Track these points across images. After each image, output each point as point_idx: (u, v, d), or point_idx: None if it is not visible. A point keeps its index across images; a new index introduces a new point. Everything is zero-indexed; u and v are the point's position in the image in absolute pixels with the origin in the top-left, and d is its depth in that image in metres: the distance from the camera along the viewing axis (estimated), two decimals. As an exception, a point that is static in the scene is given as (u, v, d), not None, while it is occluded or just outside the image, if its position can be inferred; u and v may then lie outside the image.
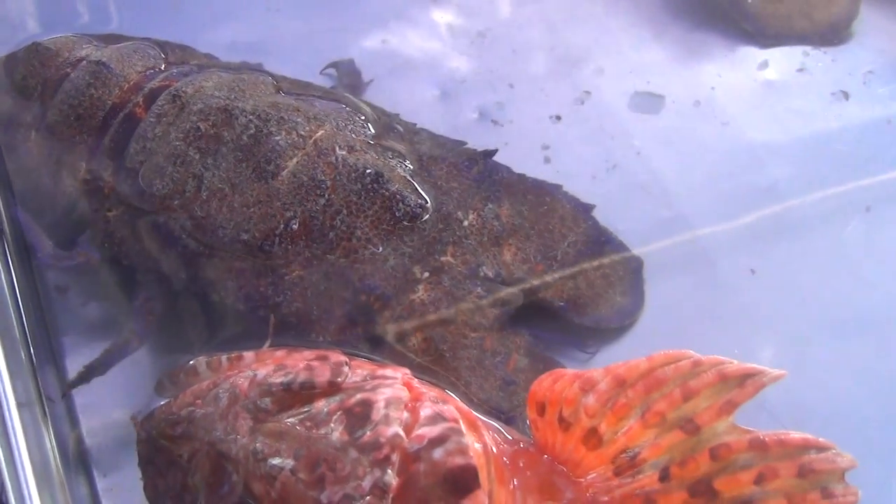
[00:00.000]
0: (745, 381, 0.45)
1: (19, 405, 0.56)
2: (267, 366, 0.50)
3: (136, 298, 0.63)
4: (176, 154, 0.62)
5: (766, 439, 0.45)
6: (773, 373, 0.45)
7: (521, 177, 0.67)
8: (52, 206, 0.66)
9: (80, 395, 0.63)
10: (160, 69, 0.68)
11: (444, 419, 0.46)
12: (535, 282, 0.63)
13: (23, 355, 0.61)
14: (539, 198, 0.66)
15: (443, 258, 0.61)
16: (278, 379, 0.48)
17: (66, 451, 0.61)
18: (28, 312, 0.64)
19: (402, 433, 0.45)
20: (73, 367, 0.63)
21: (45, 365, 0.63)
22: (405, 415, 0.46)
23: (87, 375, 0.60)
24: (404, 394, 0.47)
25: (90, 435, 0.62)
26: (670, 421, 0.46)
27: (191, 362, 0.54)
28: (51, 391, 0.62)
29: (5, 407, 0.55)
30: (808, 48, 0.84)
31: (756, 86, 0.82)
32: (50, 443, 0.59)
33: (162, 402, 0.53)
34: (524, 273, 0.63)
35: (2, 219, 0.67)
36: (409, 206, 0.61)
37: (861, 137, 0.78)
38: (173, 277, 0.62)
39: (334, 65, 0.78)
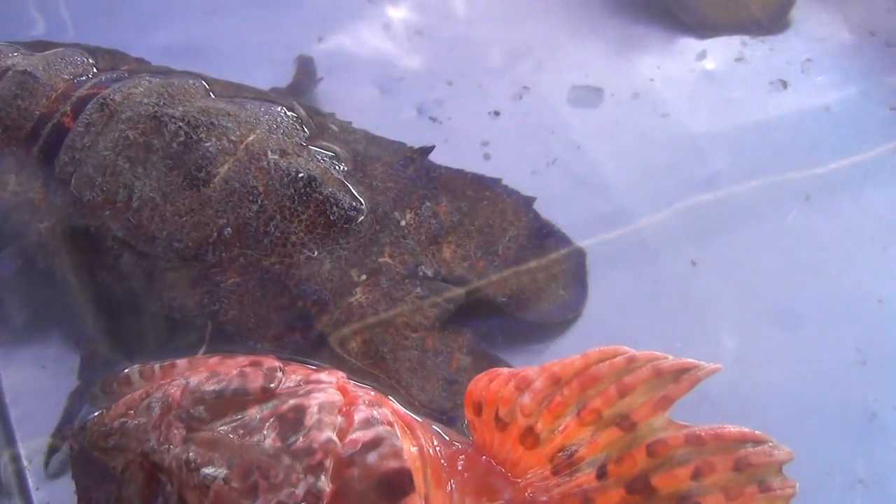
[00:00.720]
0: (681, 376, 0.45)
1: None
2: (200, 373, 0.49)
3: (78, 343, 0.62)
4: (105, 164, 0.61)
5: (703, 434, 0.45)
6: (709, 367, 0.45)
7: (460, 172, 0.67)
8: (-20, 220, 0.65)
9: (15, 408, 0.61)
10: (88, 76, 0.67)
11: (379, 422, 0.46)
12: (476, 279, 0.62)
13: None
14: (478, 193, 0.66)
15: (380, 259, 0.60)
16: (211, 387, 0.47)
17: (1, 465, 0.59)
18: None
19: (335, 438, 0.45)
20: (8, 380, 0.61)
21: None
22: (339, 419, 0.46)
23: (58, 435, 0.59)
24: (338, 398, 0.47)
25: (25, 448, 0.60)
26: (606, 418, 0.46)
27: (124, 371, 0.53)
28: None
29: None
30: (745, 38, 0.84)
31: (695, 76, 0.82)
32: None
33: (94, 413, 0.52)
34: (464, 270, 0.62)
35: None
36: (343, 208, 0.60)
37: (800, 126, 0.78)
38: (108, 289, 0.60)
39: (299, 59, 0.78)
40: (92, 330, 0.62)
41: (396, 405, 0.50)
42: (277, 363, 0.49)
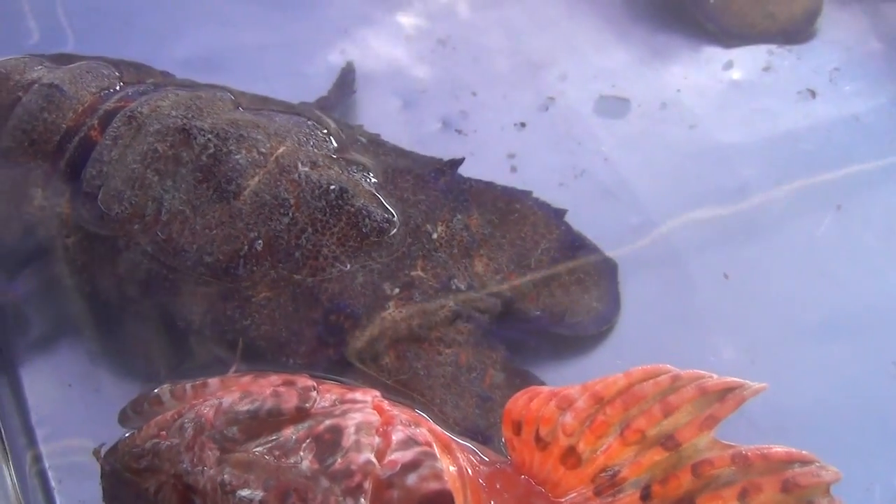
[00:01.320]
0: (726, 396, 0.44)
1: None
2: (232, 393, 0.49)
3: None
4: (134, 177, 0.60)
5: (749, 454, 0.44)
6: (754, 386, 0.44)
7: (490, 185, 0.66)
8: (7, 233, 0.64)
9: (42, 427, 0.61)
10: (115, 89, 0.66)
11: (417, 443, 0.45)
12: (509, 292, 0.61)
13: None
14: (509, 205, 0.65)
15: (413, 273, 0.60)
16: (244, 407, 0.46)
17: (27, 484, 0.58)
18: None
19: (373, 459, 0.44)
20: (33, 399, 0.61)
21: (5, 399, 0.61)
22: (376, 440, 0.45)
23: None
24: (375, 418, 0.46)
25: (53, 468, 0.60)
26: (650, 438, 0.45)
27: (154, 391, 0.52)
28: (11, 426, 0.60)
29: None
30: (772, 47, 0.84)
31: (722, 86, 0.81)
32: (10, 477, 0.57)
33: (125, 434, 0.51)
34: (497, 284, 0.62)
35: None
36: (376, 221, 0.59)
37: (829, 136, 0.77)
38: (137, 303, 0.60)
39: (343, 68, 0.77)
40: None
41: (433, 424, 0.49)
42: (311, 382, 0.48)
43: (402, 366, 0.58)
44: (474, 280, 0.61)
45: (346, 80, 0.76)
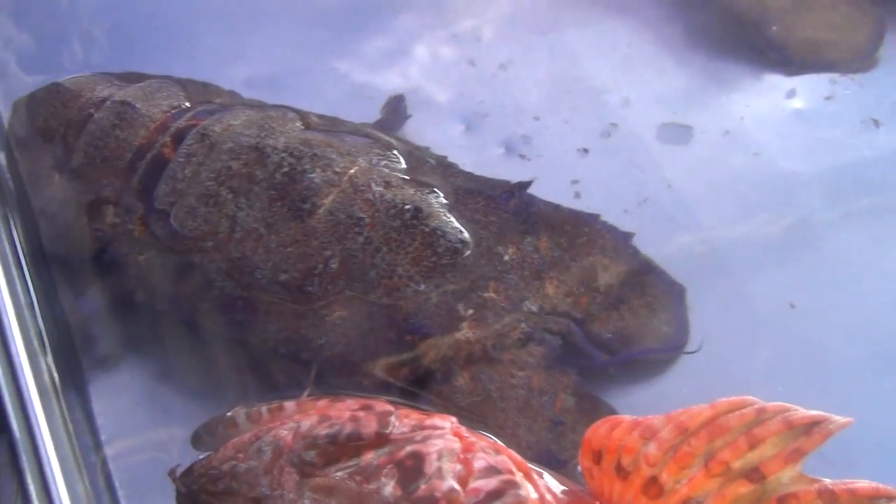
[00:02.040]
0: (812, 429, 0.44)
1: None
2: (310, 417, 0.48)
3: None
4: (208, 194, 0.60)
5: (835, 488, 0.43)
6: (840, 420, 0.44)
7: (557, 208, 0.66)
8: (78, 251, 0.64)
9: (110, 445, 0.61)
10: (185, 108, 0.67)
11: (499, 471, 0.45)
12: (580, 315, 0.61)
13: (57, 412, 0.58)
14: (577, 228, 0.65)
15: (485, 294, 0.59)
16: (323, 431, 0.46)
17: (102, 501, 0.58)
18: (57, 359, 0.62)
19: (457, 487, 0.43)
20: (102, 418, 0.61)
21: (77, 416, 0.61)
22: (458, 467, 0.44)
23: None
24: (456, 445, 0.45)
25: (122, 486, 0.60)
26: (735, 470, 0.44)
27: (229, 413, 0.52)
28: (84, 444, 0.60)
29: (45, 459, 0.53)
30: (834, 75, 0.83)
31: (784, 115, 0.81)
32: (85, 493, 0.57)
33: (201, 456, 0.51)
34: (568, 307, 0.61)
35: (21, 267, 0.65)
36: (450, 241, 0.59)
37: (894, 165, 0.76)
38: (209, 322, 0.60)
39: (390, 98, 0.77)
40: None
41: (512, 452, 0.48)
42: (389, 407, 0.48)
43: (475, 387, 0.57)
44: (545, 302, 0.61)
45: (399, 108, 0.76)
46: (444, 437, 0.46)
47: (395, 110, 0.76)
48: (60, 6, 0.86)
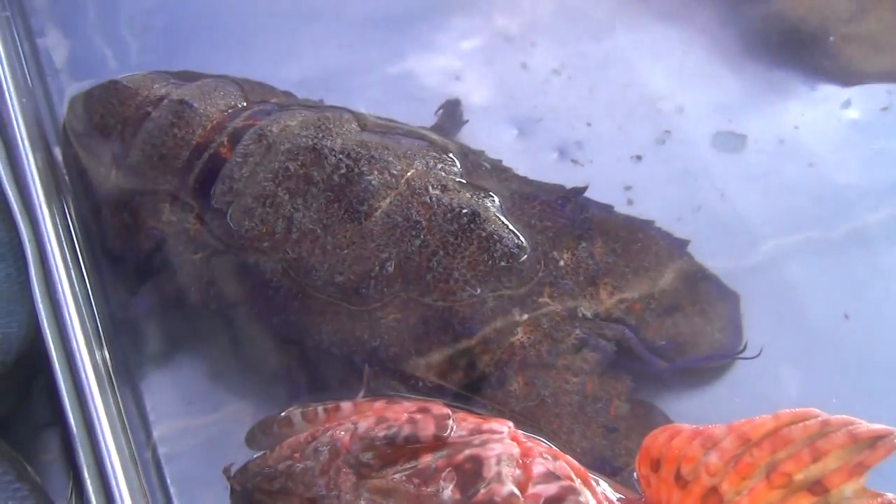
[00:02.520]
0: (877, 443, 0.43)
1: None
2: (367, 418, 0.48)
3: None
4: (265, 195, 0.61)
5: (897, 503, 0.42)
6: (906, 435, 0.43)
7: (612, 213, 0.66)
8: (133, 248, 0.65)
9: (163, 444, 0.61)
10: (241, 107, 0.67)
11: (559, 477, 0.44)
12: (634, 321, 0.61)
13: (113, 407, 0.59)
14: (632, 234, 0.64)
15: (540, 299, 0.59)
16: (381, 432, 0.46)
17: (156, 498, 0.59)
18: (112, 353, 0.62)
19: (517, 492, 0.43)
20: (154, 415, 0.61)
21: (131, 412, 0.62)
22: (517, 472, 0.44)
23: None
24: (515, 449, 0.45)
25: (174, 483, 0.60)
26: (797, 482, 0.44)
27: (284, 413, 0.52)
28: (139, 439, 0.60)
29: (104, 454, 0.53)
30: (891, 86, 0.82)
31: (840, 125, 0.80)
32: (142, 486, 0.57)
33: (255, 455, 0.51)
34: (622, 313, 0.61)
35: (79, 262, 0.66)
36: (507, 246, 0.59)
37: (952, 177, 0.75)
38: (264, 321, 0.60)
39: (446, 102, 0.77)
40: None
41: (570, 458, 0.48)
42: (447, 410, 0.48)
43: (529, 392, 0.57)
44: (600, 308, 0.61)
45: (455, 112, 0.76)
46: (502, 442, 0.46)
47: (452, 114, 0.76)
48: (113, 5, 0.87)
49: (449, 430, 0.46)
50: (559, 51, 0.84)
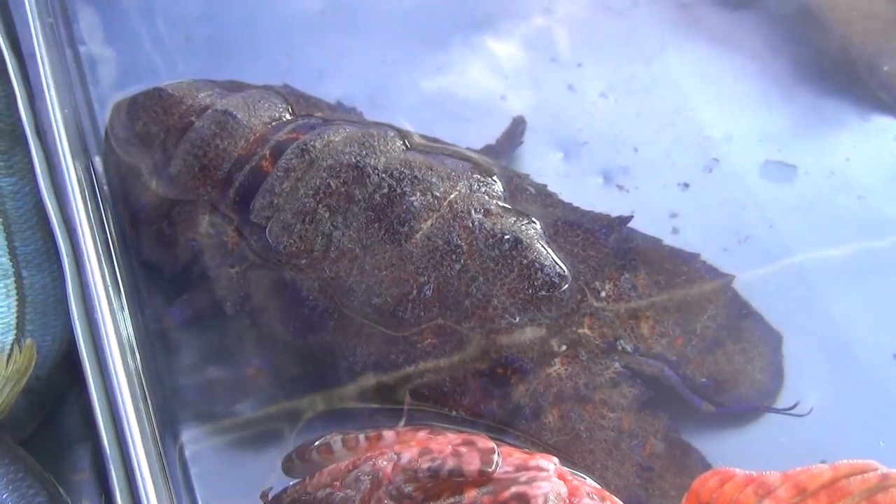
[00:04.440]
0: (937, 499, 0.41)
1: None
2: (410, 448, 0.47)
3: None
4: (305, 211, 0.60)
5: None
6: (966, 491, 0.41)
7: (657, 244, 0.64)
8: (170, 259, 0.64)
9: (195, 464, 0.60)
10: (285, 120, 0.66)
11: None
12: (675, 357, 0.59)
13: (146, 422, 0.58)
14: (676, 267, 0.63)
15: (580, 330, 0.58)
16: (425, 464, 0.45)
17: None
18: (144, 365, 0.62)
19: (564, 533, 0.42)
20: (186, 435, 0.60)
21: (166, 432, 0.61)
22: None
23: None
24: (563, 489, 0.44)
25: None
26: (853, 536, 0.42)
27: (324, 439, 0.51)
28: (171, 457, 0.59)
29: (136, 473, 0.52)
30: (945, 119, 0.80)
31: (892, 158, 0.78)
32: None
33: (294, 481, 0.50)
34: (663, 348, 0.59)
35: (115, 273, 0.65)
36: (548, 275, 0.57)
37: None
38: (298, 340, 0.59)
39: (514, 120, 0.76)
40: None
41: (615, 498, 0.47)
42: (492, 444, 0.47)
43: (564, 426, 0.56)
44: (640, 342, 0.59)
45: (516, 132, 0.75)
46: (549, 480, 0.44)
47: (512, 133, 0.74)
48: (158, 14, 0.86)
49: (495, 466, 0.45)
50: (607, 73, 0.83)
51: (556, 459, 0.47)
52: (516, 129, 0.74)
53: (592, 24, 0.87)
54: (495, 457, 0.45)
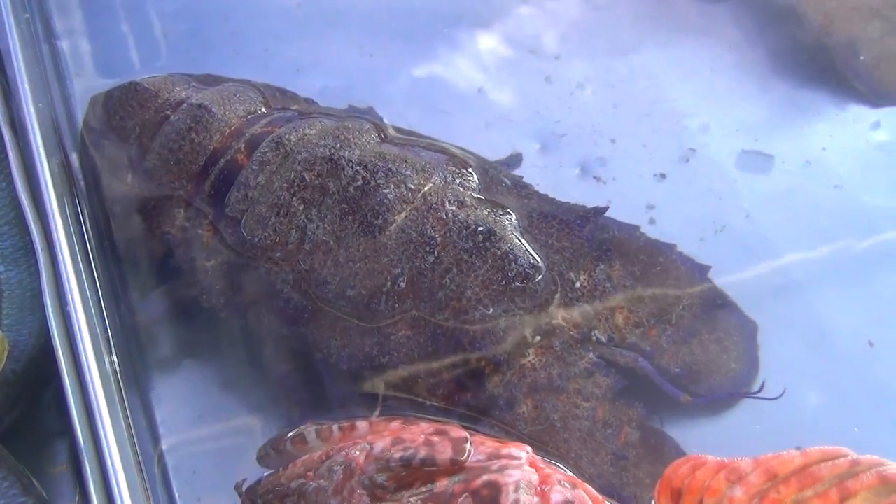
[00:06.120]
0: (907, 486, 0.42)
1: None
2: (383, 438, 0.47)
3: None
4: (279, 204, 0.60)
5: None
6: (936, 477, 0.42)
7: (633, 235, 0.64)
8: (146, 253, 0.64)
9: (171, 455, 0.60)
10: (261, 113, 0.66)
11: None
12: (649, 347, 0.59)
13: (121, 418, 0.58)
14: (652, 258, 0.63)
15: (554, 321, 0.58)
16: (397, 454, 0.45)
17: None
18: (121, 360, 0.62)
19: (535, 520, 0.42)
20: (164, 428, 0.60)
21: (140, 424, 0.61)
22: (535, 500, 0.43)
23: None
24: (534, 477, 0.44)
25: (182, 498, 0.59)
26: (823, 521, 0.42)
27: (298, 430, 0.51)
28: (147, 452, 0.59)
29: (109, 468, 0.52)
30: (922, 108, 0.80)
31: (868, 147, 0.78)
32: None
33: (268, 472, 0.50)
34: (637, 338, 0.59)
35: (91, 268, 0.65)
36: (522, 266, 0.58)
37: (982, 202, 0.74)
38: (274, 332, 0.59)
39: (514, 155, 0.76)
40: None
41: (587, 486, 0.47)
42: (464, 433, 0.47)
43: (539, 416, 0.56)
44: (615, 333, 0.59)
45: (511, 163, 0.75)
46: (521, 468, 0.45)
47: (506, 163, 0.74)
48: (136, 9, 0.86)
49: (466, 454, 0.45)
50: (584, 65, 0.83)
51: (528, 448, 0.47)
52: (513, 161, 0.74)
53: (571, 17, 0.87)
54: (467, 446, 0.45)
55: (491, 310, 0.57)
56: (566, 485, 0.44)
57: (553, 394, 0.57)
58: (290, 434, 0.51)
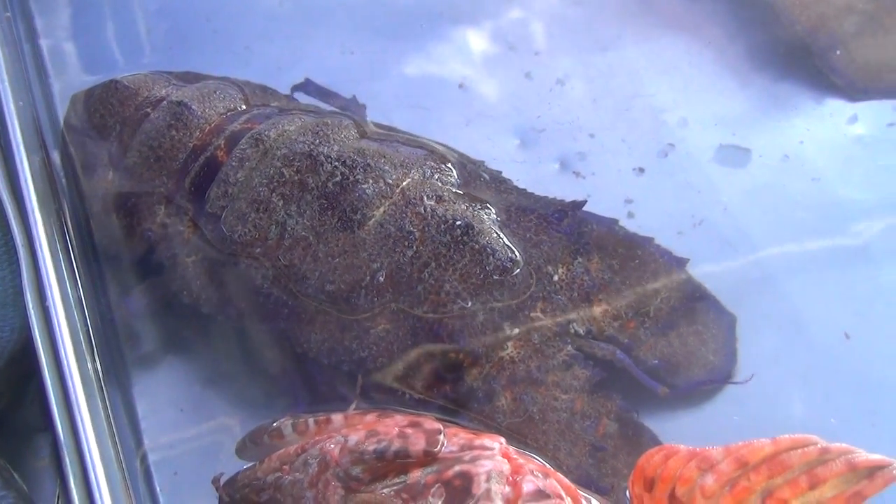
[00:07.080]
0: (875, 473, 0.42)
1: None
2: (357, 431, 0.48)
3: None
4: (259, 200, 0.60)
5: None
6: (905, 466, 0.42)
7: (611, 229, 0.65)
8: (127, 250, 0.64)
9: (154, 452, 0.60)
10: (241, 110, 0.66)
11: (548, 495, 0.44)
12: (627, 339, 0.60)
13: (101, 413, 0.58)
14: (630, 251, 0.64)
15: (532, 314, 0.58)
16: (371, 446, 0.45)
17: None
18: (102, 357, 0.62)
19: (505, 510, 0.43)
20: (146, 422, 0.61)
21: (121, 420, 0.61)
22: (507, 489, 0.44)
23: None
24: (506, 467, 0.45)
25: (164, 493, 0.59)
26: (793, 509, 0.43)
27: (275, 424, 0.51)
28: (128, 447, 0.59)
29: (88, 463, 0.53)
30: (897, 103, 0.81)
31: (846, 141, 0.79)
32: (128, 498, 0.57)
33: (245, 465, 0.50)
34: (615, 331, 0.60)
35: (72, 265, 0.65)
36: (500, 260, 0.58)
37: (958, 195, 0.74)
38: (255, 328, 0.59)
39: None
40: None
41: (560, 476, 0.47)
42: (438, 425, 0.47)
43: (517, 408, 0.56)
44: (592, 325, 0.60)
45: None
46: (493, 458, 0.45)
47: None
48: (118, 8, 0.86)
49: (439, 446, 0.46)
50: (564, 60, 0.83)
51: (502, 439, 0.47)
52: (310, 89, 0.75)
53: (550, 13, 0.87)
54: (440, 437, 0.46)
55: (469, 303, 0.57)
56: (538, 474, 0.45)
57: (532, 386, 0.57)
58: (268, 428, 0.51)
